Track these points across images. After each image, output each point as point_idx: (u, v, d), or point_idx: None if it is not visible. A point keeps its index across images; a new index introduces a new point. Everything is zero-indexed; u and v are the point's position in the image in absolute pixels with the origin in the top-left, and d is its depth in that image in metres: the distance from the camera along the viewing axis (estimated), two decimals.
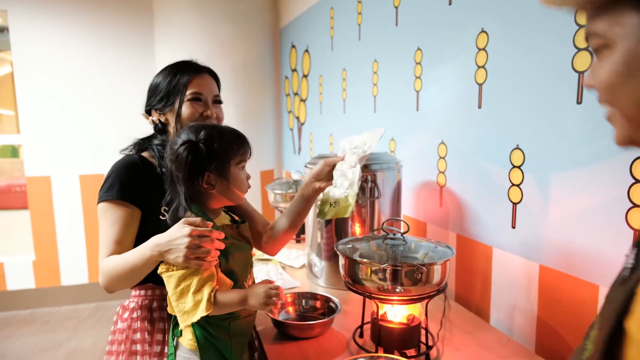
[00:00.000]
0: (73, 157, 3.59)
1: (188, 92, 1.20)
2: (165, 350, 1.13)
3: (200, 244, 0.91)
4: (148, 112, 1.26)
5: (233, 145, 1.02)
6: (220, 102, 1.29)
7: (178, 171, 0.98)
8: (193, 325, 0.97)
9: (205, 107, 1.22)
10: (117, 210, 1.09)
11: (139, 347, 1.16)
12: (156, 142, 1.21)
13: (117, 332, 1.19)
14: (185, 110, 1.19)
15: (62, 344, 3.03)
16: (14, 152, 7.80)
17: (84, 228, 3.66)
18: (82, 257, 3.69)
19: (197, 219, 0.94)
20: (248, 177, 1.07)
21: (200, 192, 1.01)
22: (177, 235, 0.92)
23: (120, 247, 1.07)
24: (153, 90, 1.24)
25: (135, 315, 1.17)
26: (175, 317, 1.02)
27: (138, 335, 1.16)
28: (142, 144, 1.24)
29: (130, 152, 1.23)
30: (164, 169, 1.08)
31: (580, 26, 1.02)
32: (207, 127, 1.02)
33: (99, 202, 1.12)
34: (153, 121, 1.25)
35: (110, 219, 1.09)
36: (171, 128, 1.21)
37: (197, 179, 0.98)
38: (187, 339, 1.00)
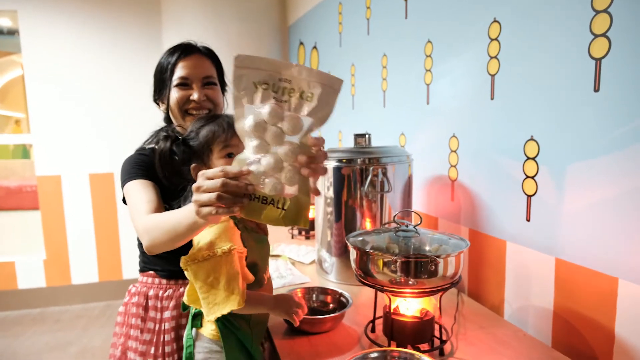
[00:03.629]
0: (83, 156, 3.61)
1: (174, 77, 1.15)
2: (154, 340, 1.15)
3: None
4: (156, 103, 1.26)
5: (213, 132, 0.95)
6: (214, 83, 1.20)
7: (169, 166, 0.97)
8: None
9: (191, 90, 1.15)
10: (144, 182, 1.08)
11: (132, 332, 1.18)
12: (163, 134, 1.21)
13: (120, 314, 1.24)
14: (172, 95, 1.15)
15: (73, 342, 3.05)
16: (25, 153, 7.88)
17: (94, 227, 3.68)
18: (92, 256, 3.71)
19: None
20: None
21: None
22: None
23: (155, 205, 1.02)
24: (153, 80, 1.22)
25: (133, 300, 1.20)
26: (194, 310, 1.01)
27: (133, 321, 1.19)
28: (156, 136, 1.23)
29: (147, 148, 1.22)
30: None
31: (597, 12, 0.99)
32: (202, 118, 1.01)
33: (124, 184, 1.09)
34: (162, 112, 1.24)
35: (139, 187, 1.06)
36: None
37: (181, 170, 0.97)
38: (209, 329, 0.99)
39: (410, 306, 1.06)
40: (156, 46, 3.62)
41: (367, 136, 1.55)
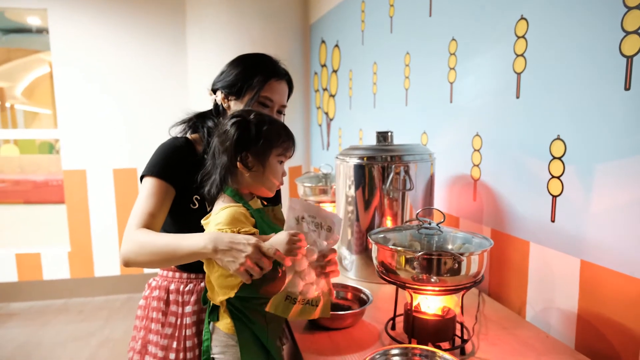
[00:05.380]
0: (107, 151, 3.69)
1: (261, 93, 1.19)
2: (176, 334, 1.17)
3: (259, 261, 0.88)
4: (214, 91, 1.26)
5: (280, 136, 1.03)
6: (284, 113, 1.27)
7: (222, 145, 1.00)
8: (230, 310, 0.98)
9: (270, 113, 1.20)
10: (156, 186, 1.11)
11: (153, 325, 1.20)
12: (209, 123, 1.22)
13: (140, 308, 1.26)
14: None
15: (95, 333, 3.12)
16: (51, 148, 8.09)
17: (117, 221, 3.76)
18: (114, 250, 3.78)
19: (267, 244, 0.89)
20: (284, 173, 1.07)
21: (235, 173, 1.02)
22: (241, 240, 0.88)
23: (152, 219, 1.07)
24: (228, 74, 1.22)
25: (154, 294, 1.22)
26: (211, 305, 1.03)
27: (154, 314, 1.21)
28: (196, 121, 1.25)
29: (180, 134, 1.24)
30: (207, 152, 1.09)
31: (629, 8, 0.97)
32: (260, 113, 1.05)
33: (144, 174, 1.14)
34: (215, 101, 1.25)
35: (148, 191, 1.11)
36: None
37: (237, 156, 0.99)
38: (224, 323, 1.00)
39: (431, 304, 1.06)
40: (180, 44, 3.68)
41: (389, 134, 1.54)
